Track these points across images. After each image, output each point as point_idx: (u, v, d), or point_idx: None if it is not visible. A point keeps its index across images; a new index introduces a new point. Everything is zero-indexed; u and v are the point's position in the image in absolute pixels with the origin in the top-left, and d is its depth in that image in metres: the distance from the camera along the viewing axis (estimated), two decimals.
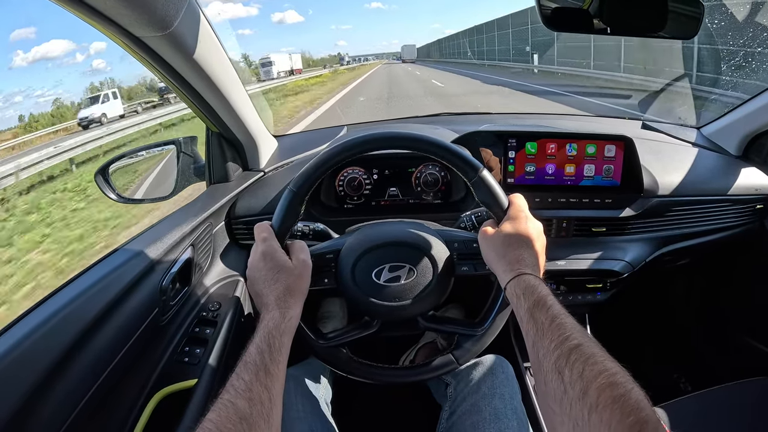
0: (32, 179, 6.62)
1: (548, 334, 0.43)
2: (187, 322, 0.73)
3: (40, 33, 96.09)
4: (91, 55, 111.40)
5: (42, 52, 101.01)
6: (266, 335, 0.48)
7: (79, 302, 0.53)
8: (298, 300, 0.55)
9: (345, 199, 0.91)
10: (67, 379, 0.49)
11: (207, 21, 0.62)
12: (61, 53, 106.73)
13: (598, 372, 0.36)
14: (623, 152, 0.86)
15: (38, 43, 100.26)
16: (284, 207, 0.58)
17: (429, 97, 10.33)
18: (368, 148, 0.59)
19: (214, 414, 0.39)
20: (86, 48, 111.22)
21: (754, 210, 0.95)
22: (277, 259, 0.56)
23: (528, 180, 0.88)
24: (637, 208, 0.88)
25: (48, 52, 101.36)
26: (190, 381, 0.66)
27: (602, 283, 0.89)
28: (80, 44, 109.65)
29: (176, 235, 0.69)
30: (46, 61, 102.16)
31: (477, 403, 0.68)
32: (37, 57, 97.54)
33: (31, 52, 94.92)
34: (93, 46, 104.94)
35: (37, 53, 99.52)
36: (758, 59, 1.98)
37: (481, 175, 0.58)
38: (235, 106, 0.78)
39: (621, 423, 0.32)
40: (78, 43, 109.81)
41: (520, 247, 0.55)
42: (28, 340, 0.46)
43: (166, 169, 0.92)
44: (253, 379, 0.43)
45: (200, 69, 0.63)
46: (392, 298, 0.61)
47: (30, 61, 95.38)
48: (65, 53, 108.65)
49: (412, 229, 0.64)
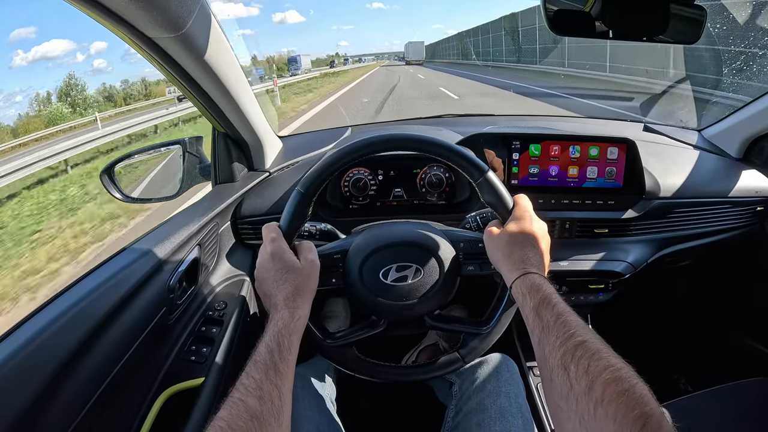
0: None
1: (554, 332, 0.44)
2: (193, 321, 0.73)
3: (40, 32, 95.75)
4: (91, 54, 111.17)
5: (42, 52, 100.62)
6: (276, 334, 0.49)
7: (88, 301, 0.53)
8: (307, 300, 0.56)
9: (350, 200, 0.91)
10: (76, 377, 0.49)
11: (217, 22, 0.62)
12: (61, 53, 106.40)
13: (603, 367, 0.37)
14: (625, 154, 0.87)
15: (38, 42, 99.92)
16: (292, 208, 0.59)
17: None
18: (375, 150, 0.60)
19: (225, 412, 0.40)
20: (87, 48, 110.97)
21: (755, 212, 0.96)
22: (285, 260, 0.56)
23: (531, 181, 0.89)
24: (639, 209, 0.89)
25: (48, 51, 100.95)
26: (197, 380, 0.66)
27: (604, 283, 0.90)
28: (81, 44, 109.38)
29: (183, 235, 0.70)
30: (47, 61, 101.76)
31: (482, 402, 0.68)
32: (37, 56, 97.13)
33: (31, 51, 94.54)
34: (94, 45, 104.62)
35: (37, 53, 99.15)
36: (759, 62, 2.00)
37: (487, 176, 0.59)
38: (242, 107, 0.78)
39: (626, 417, 0.33)
40: (78, 43, 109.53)
41: (525, 246, 0.56)
42: (37, 339, 0.46)
43: (171, 169, 0.93)
44: (263, 378, 0.44)
45: (210, 70, 0.64)
46: (399, 298, 0.61)
47: (30, 60, 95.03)
48: (65, 53, 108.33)
49: (419, 230, 0.65)
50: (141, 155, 0.90)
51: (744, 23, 1.43)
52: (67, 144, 7.18)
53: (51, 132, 15.15)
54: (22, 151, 11.68)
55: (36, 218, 4.87)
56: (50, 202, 5.47)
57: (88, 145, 7.78)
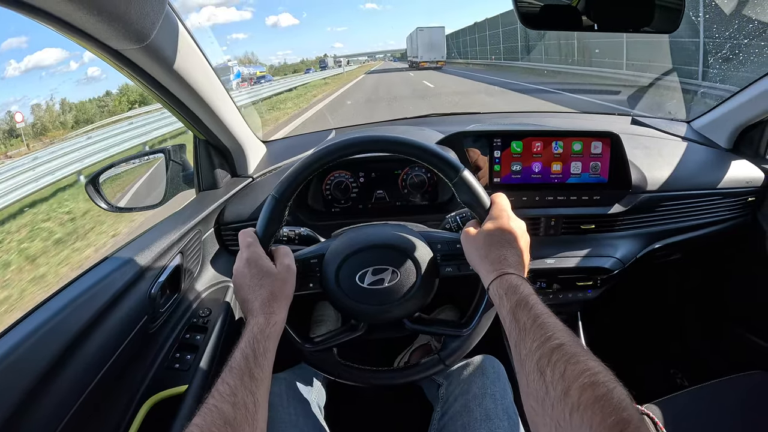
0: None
1: (530, 334, 0.43)
2: (177, 328, 0.73)
3: (32, 41, 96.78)
4: (85, 63, 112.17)
5: (35, 61, 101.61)
6: (251, 340, 0.49)
7: (68, 312, 0.53)
8: (283, 305, 0.56)
9: (332, 203, 0.91)
10: (57, 387, 0.49)
11: (187, 31, 0.62)
12: (54, 62, 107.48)
13: (580, 371, 0.36)
14: (610, 149, 0.86)
15: (31, 51, 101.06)
16: (267, 213, 0.59)
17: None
18: (348, 153, 0.60)
19: (199, 419, 0.40)
20: (80, 56, 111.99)
21: (746, 203, 0.95)
22: (261, 265, 0.56)
23: (515, 179, 0.88)
24: (625, 204, 0.88)
25: (41, 60, 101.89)
26: (181, 387, 0.66)
27: (593, 280, 0.89)
28: (73, 52, 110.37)
29: (164, 243, 0.70)
30: (40, 70, 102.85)
31: (468, 404, 0.68)
32: (30, 66, 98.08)
33: (24, 61, 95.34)
34: (87, 54, 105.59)
35: (29, 62, 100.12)
36: (745, 51, 1.98)
37: (462, 175, 0.58)
38: (219, 114, 0.78)
39: (602, 423, 0.32)
40: (71, 51, 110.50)
41: (502, 246, 0.55)
42: (18, 349, 0.47)
43: (155, 178, 0.93)
44: (238, 384, 0.44)
45: (181, 79, 0.64)
46: (377, 301, 0.61)
47: (23, 70, 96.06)
48: (58, 61, 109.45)
49: (395, 232, 0.65)
50: (125, 165, 0.91)
51: (730, 13, 1.42)
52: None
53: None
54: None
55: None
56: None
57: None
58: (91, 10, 0.43)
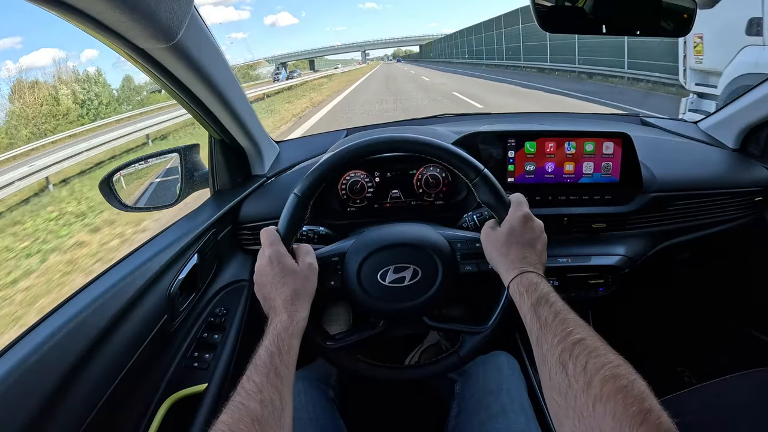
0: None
1: (552, 330, 0.44)
2: (195, 327, 0.74)
3: (27, 42, 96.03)
4: (82, 62, 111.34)
5: (30, 61, 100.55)
6: (275, 338, 0.49)
7: (89, 312, 0.53)
8: (306, 302, 0.56)
9: (348, 203, 0.92)
10: (80, 387, 0.49)
11: (209, 31, 0.63)
12: (51, 62, 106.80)
13: (602, 364, 0.37)
14: (621, 149, 0.87)
15: (26, 52, 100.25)
16: (289, 212, 0.59)
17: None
18: (371, 152, 0.61)
19: (226, 416, 0.40)
20: (77, 56, 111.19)
21: (754, 202, 0.96)
22: (284, 264, 0.56)
23: (528, 179, 0.89)
24: (636, 203, 0.89)
25: (36, 60, 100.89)
26: (200, 386, 0.67)
27: (604, 278, 0.89)
28: (71, 52, 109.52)
29: (182, 243, 0.70)
30: (37, 71, 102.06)
31: (484, 400, 0.69)
32: (25, 67, 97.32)
33: (20, 61, 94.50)
34: (84, 54, 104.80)
35: (25, 63, 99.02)
36: None
37: (483, 175, 0.59)
38: (237, 113, 0.78)
39: (625, 413, 0.33)
40: (68, 51, 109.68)
41: (522, 245, 0.56)
42: (41, 349, 0.47)
43: (169, 177, 0.93)
44: (264, 381, 0.44)
45: (204, 78, 0.64)
46: (397, 299, 0.62)
47: (19, 71, 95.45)
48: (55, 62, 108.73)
49: (416, 231, 0.65)
50: (138, 165, 0.91)
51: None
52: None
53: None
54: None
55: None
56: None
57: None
58: (123, 9, 0.43)
